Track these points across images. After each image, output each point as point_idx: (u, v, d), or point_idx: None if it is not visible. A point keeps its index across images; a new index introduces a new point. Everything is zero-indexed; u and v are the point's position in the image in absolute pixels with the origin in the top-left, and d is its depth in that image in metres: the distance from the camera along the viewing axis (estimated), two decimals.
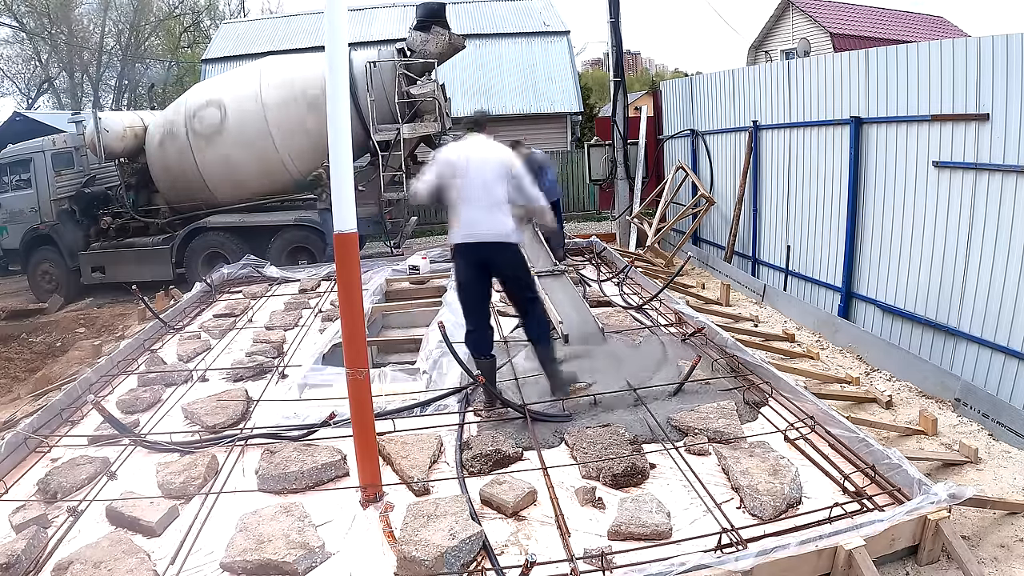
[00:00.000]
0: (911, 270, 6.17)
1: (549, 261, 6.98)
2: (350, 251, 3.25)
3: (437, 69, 9.94)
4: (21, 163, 11.01)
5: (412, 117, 9.66)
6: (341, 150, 3.17)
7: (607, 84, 12.61)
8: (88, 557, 2.91)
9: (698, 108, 10.58)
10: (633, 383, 4.53)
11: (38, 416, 4.44)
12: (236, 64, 14.27)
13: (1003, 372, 5.17)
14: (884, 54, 6.32)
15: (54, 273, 11.23)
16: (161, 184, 10.49)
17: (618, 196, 11.41)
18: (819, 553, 2.76)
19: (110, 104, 27.35)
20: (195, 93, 10.38)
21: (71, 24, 26.31)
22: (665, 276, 7.68)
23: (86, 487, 3.61)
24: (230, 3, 31.98)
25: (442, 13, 9.78)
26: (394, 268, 8.36)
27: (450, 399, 4.48)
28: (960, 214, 5.54)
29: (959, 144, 5.52)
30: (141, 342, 6.14)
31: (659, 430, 3.94)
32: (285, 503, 3.31)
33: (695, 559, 2.69)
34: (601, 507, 3.27)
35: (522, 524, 3.17)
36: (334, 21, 3.14)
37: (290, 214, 10.11)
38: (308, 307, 7.02)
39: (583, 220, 15.44)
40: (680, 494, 3.36)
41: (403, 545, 2.88)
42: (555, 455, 3.78)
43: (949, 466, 4.08)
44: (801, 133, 7.90)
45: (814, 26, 21.11)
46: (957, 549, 2.85)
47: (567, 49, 18.12)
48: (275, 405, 4.60)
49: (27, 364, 8.61)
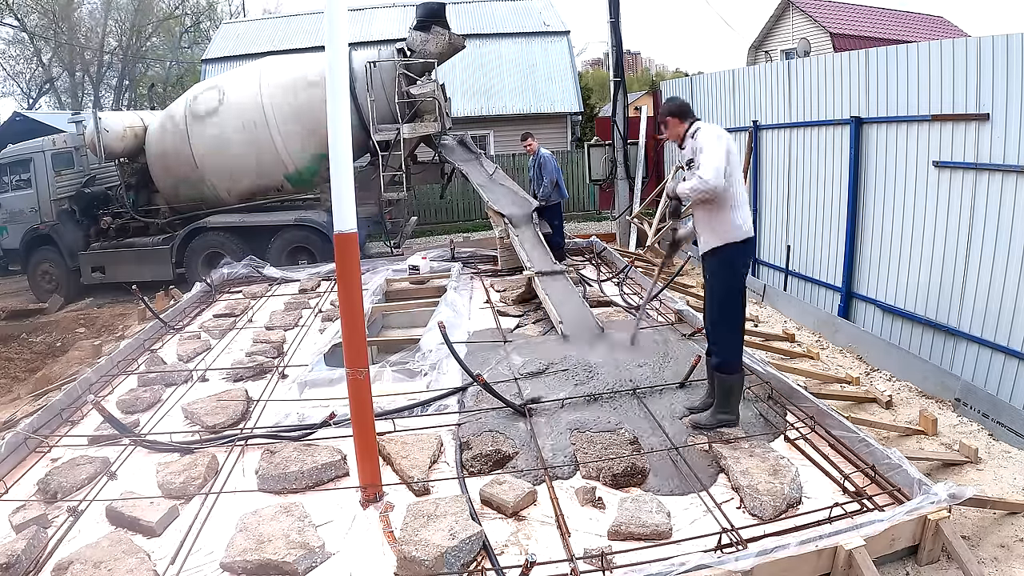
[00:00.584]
0: (911, 270, 6.17)
1: (549, 261, 6.99)
2: (350, 251, 3.25)
3: (437, 69, 9.94)
4: (21, 163, 11.01)
5: (412, 117, 9.66)
6: (341, 150, 3.17)
7: (607, 84, 12.61)
8: (88, 557, 2.91)
9: (698, 108, 10.57)
10: (633, 381, 4.54)
11: (38, 416, 4.44)
12: (236, 64, 14.26)
13: (1003, 372, 5.17)
14: (884, 54, 6.32)
15: (54, 273, 11.22)
16: (161, 184, 10.49)
17: (618, 196, 11.41)
18: (819, 553, 2.76)
19: (110, 104, 27.35)
20: (195, 93, 10.37)
21: (73, 24, 26.30)
22: (665, 276, 7.68)
23: (86, 487, 3.61)
24: (231, 3, 32.02)
25: (442, 13, 9.78)
26: (394, 268, 8.36)
27: (449, 399, 4.48)
28: (960, 214, 5.54)
29: (959, 144, 5.52)
30: (141, 342, 6.14)
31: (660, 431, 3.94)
32: (285, 503, 3.31)
33: (695, 559, 2.69)
34: (601, 507, 3.27)
35: (522, 524, 3.17)
36: (334, 21, 3.14)
37: (290, 214, 10.10)
38: (308, 307, 7.02)
39: (583, 220, 15.44)
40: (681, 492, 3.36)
41: (403, 545, 2.88)
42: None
43: (949, 466, 4.08)
44: (801, 133, 7.90)
45: (814, 26, 21.11)
46: (957, 549, 2.85)
47: (567, 49, 18.11)
48: (275, 405, 4.61)
49: (27, 364, 8.61)
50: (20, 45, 26.25)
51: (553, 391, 4.50)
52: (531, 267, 6.71)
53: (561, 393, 4.44)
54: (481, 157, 9.67)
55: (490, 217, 8.27)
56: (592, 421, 4.06)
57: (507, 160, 15.02)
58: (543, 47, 18.09)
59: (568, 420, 4.10)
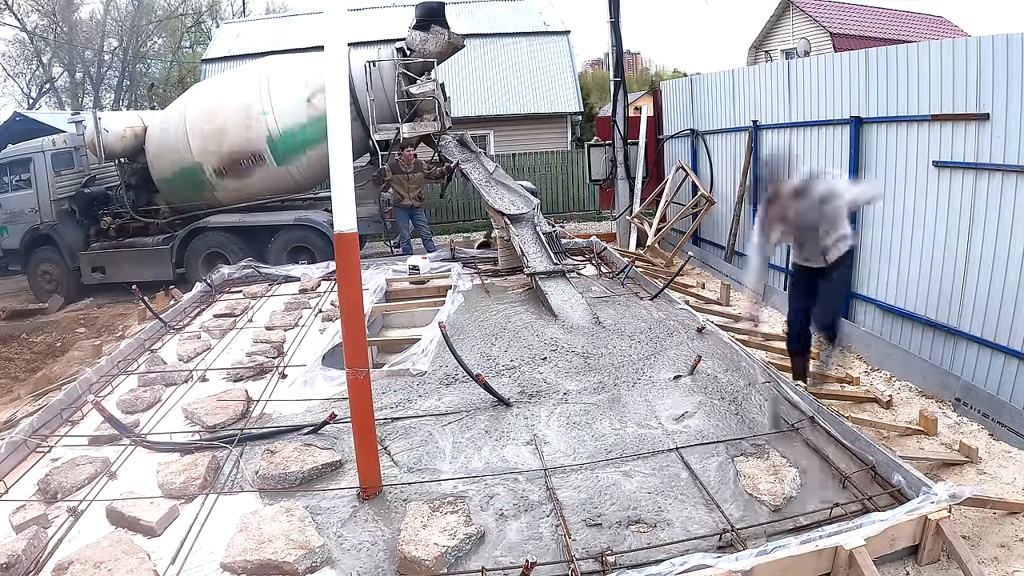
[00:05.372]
0: (911, 270, 6.17)
1: (549, 261, 6.99)
2: (350, 251, 3.25)
3: (436, 68, 9.94)
4: (21, 163, 11.00)
5: (412, 116, 9.66)
6: (341, 150, 3.17)
7: (607, 84, 12.60)
8: (88, 557, 2.91)
9: (698, 108, 10.57)
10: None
11: (38, 416, 4.44)
12: (236, 64, 14.26)
13: (1003, 372, 5.16)
14: (884, 54, 6.32)
15: (54, 273, 11.21)
16: (161, 184, 10.49)
17: (618, 196, 11.40)
18: (819, 553, 2.76)
19: (110, 104, 27.34)
20: (195, 94, 10.37)
21: (73, 24, 26.30)
22: (665, 276, 7.68)
23: (86, 487, 3.61)
24: (232, 4, 32.02)
25: (441, 12, 9.77)
26: (394, 268, 8.36)
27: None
28: (960, 214, 5.53)
29: (959, 144, 5.51)
30: (141, 342, 6.14)
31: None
32: (285, 503, 3.31)
33: (695, 559, 2.69)
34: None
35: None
36: (334, 21, 3.14)
37: (290, 214, 10.09)
38: (308, 307, 7.02)
39: (583, 220, 15.44)
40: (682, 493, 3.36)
41: (403, 545, 2.89)
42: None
43: (949, 466, 4.08)
44: (801, 133, 7.90)
45: (814, 26, 21.11)
46: (957, 549, 2.85)
47: (567, 49, 18.11)
48: (275, 405, 4.61)
49: (27, 364, 8.61)
50: (20, 45, 26.27)
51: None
52: (530, 266, 6.72)
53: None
54: (481, 156, 9.68)
55: (490, 216, 8.27)
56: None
57: (507, 160, 15.02)
58: (543, 47, 18.09)
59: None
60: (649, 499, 3.26)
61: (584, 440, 3.86)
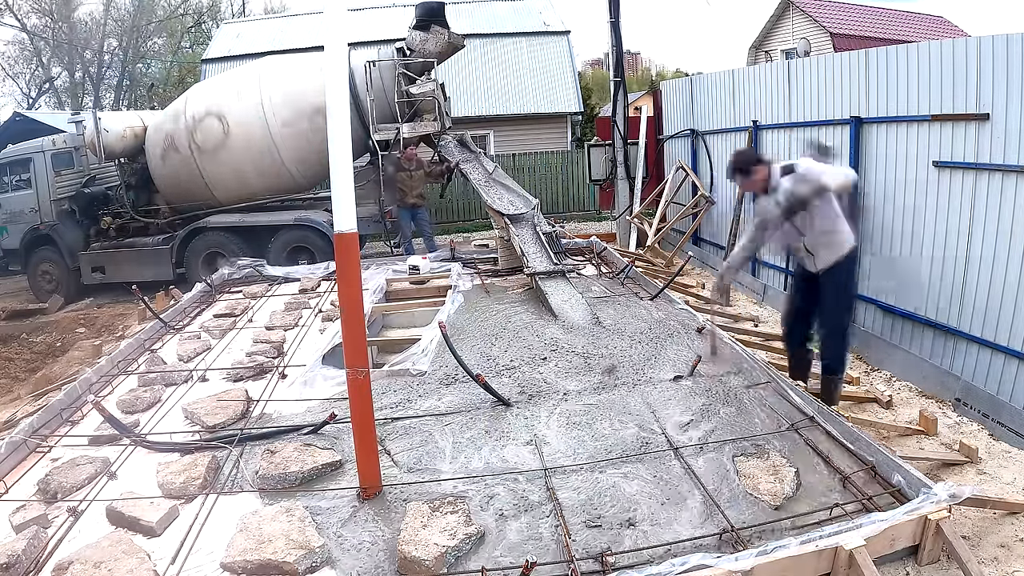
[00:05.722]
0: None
1: (549, 261, 6.99)
2: (350, 251, 3.25)
3: (436, 68, 9.94)
4: (21, 163, 11.00)
5: (412, 116, 9.66)
6: (341, 150, 3.17)
7: (607, 84, 12.60)
8: (88, 557, 2.91)
9: (698, 108, 10.57)
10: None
11: (38, 416, 4.44)
12: (236, 64, 14.25)
13: (1003, 372, 5.16)
14: (884, 54, 6.31)
15: (54, 273, 11.22)
16: (161, 184, 10.49)
17: (618, 196, 11.40)
18: (819, 553, 2.76)
19: (110, 104, 27.34)
20: (195, 96, 10.35)
21: (73, 24, 26.30)
22: (665, 276, 7.68)
23: (86, 487, 3.61)
24: (232, 4, 32.01)
25: (442, 12, 9.78)
26: (394, 268, 8.36)
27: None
28: (960, 214, 5.53)
29: (959, 144, 5.51)
30: (141, 342, 6.14)
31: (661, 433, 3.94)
32: (285, 503, 3.31)
33: (695, 559, 2.69)
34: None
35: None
36: (334, 21, 3.14)
37: (290, 214, 10.10)
38: (308, 307, 7.02)
39: (583, 220, 15.45)
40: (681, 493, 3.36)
41: (403, 545, 2.89)
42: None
43: (949, 466, 4.08)
44: (801, 133, 7.89)
45: (814, 26, 21.12)
46: (957, 549, 2.85)
47: (567, 49, 18.12)
48: (275, 405, 4.61)
49: (27, 364, 8.61)
50: (20, 45, 26.27)
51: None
52: (530, 266, 6.71)
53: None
54: (481, 156, 9.68)
55: (490, 216, 8.27)
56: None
57: (507, 160, 15.03)
58: (543, 47, 18.10)
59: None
60: (649, 499, 3.26)
61: (584, 440, 3.86)
